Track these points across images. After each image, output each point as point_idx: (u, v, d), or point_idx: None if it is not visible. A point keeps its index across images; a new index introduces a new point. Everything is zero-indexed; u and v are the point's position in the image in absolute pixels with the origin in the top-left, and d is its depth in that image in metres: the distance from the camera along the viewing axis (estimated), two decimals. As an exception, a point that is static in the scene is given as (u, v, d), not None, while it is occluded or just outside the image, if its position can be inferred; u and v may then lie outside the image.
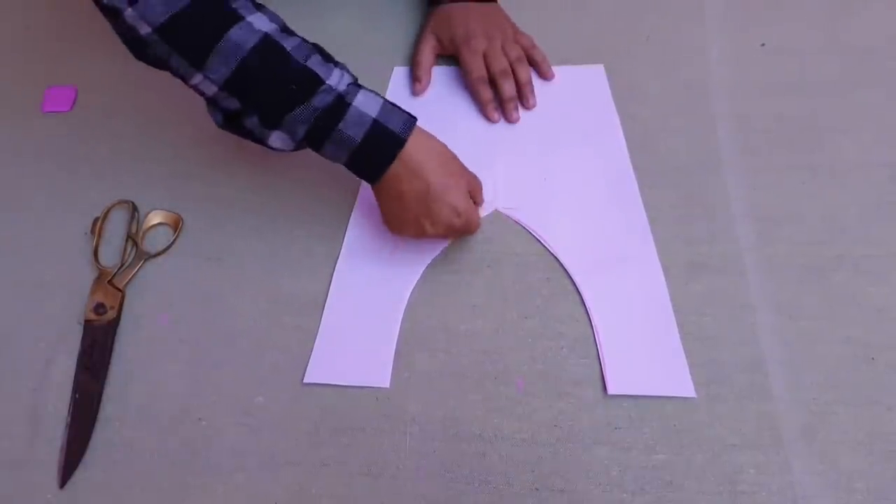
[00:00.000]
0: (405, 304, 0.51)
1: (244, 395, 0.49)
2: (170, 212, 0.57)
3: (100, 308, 0.52)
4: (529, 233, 0.54)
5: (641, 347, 0.48)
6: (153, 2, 0.42)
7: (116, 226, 0.57)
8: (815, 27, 0.65)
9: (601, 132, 0.60)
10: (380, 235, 0.55)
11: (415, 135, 0.48)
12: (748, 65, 0.63)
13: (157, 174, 0.60)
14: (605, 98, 0.62)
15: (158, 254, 0.55)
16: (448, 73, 0.65)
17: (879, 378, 0.46)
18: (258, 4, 0.47)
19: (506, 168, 0.58)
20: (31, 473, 0.47)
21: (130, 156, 0.62)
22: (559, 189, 0.57)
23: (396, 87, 0.65)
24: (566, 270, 0.52)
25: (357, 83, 0.48)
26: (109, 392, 0.49)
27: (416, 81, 0.64)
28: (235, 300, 0.53)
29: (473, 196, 0.51)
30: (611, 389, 0.47)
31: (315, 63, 0.46)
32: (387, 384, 0.48)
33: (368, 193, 0.57)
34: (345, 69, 0.48)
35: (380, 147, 0.47)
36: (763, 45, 0.64)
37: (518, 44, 0.63)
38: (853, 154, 0.57)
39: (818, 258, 0.51)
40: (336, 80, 0.46)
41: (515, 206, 0.56)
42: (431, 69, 0.65)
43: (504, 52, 0.62)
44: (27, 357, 0.51)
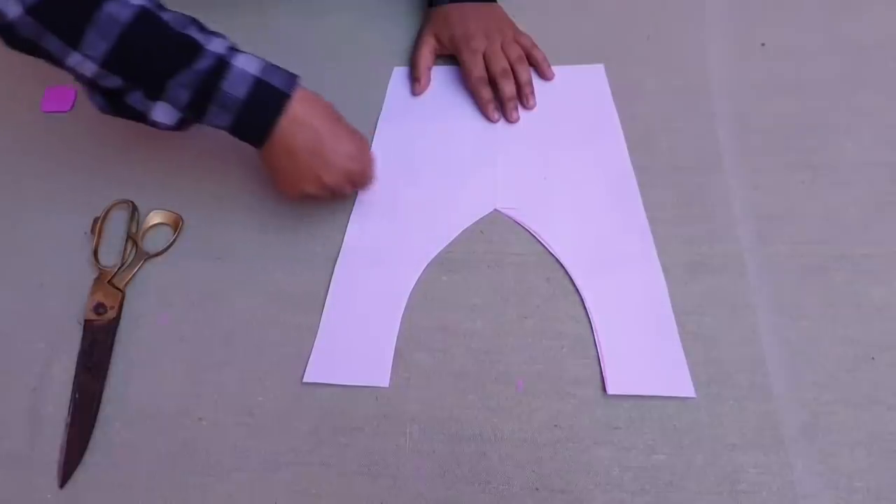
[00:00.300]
0: (405, 304, 0.51)
1: (244, 395, 0.49)
2: (170, 212, 0.57)
3: (100, 308, 0.52)
4: (529, 233, 0.54)
5: (641, 347, 0.48)
6: None
7: (116, 226, 0.57)
8: (815, 27, 0.65)
9: (601, 132, 0.60)
10: (380, 235, 0.55)
11: (299, 91, 0.48)
12: (748, 65, 0.63)
13: (157, 174, 0.60)
14: (605, 98, 0.62)
15: (158, 254, 0.55)
16: (448, 73, 0.65)
17: (879, 378, 0.46)
18: None
19: (506, 168, 0.58)
20: (31, 473, 0.47)
21: (130, 156, 0.62)
22: (559, 189, 0.57)
23: (396, 87, 0.65)
24: (566, 270, 0.52)
25: (236, 48, 0.48)
26: (109, 392, 0.49)
27: (416, 81, 0.64)
28: (235, 300, 0.53)
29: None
30: (611, 389, 0.47)
31: (194, 31, 0.46)
32: (386, 384, 0.48)
33: (367, 193, 0.57)
34: (224, 37, 0.48)
35: (265, 103, 0.47)
36: (763, 45, 0.64)
37: (518, 44, 0.63)
38: (853, 154, 0.57)
39: (818, 258, 0.51)
40: (215, 46, 0.47)
41: (515, 206, 0.56)
42: (431, 69, 0.65)
43: (504, 52, 0.62)
44: (27, 357, 0.51)
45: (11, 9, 0.42)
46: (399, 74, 0.66)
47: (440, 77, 0.65)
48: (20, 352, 0.52)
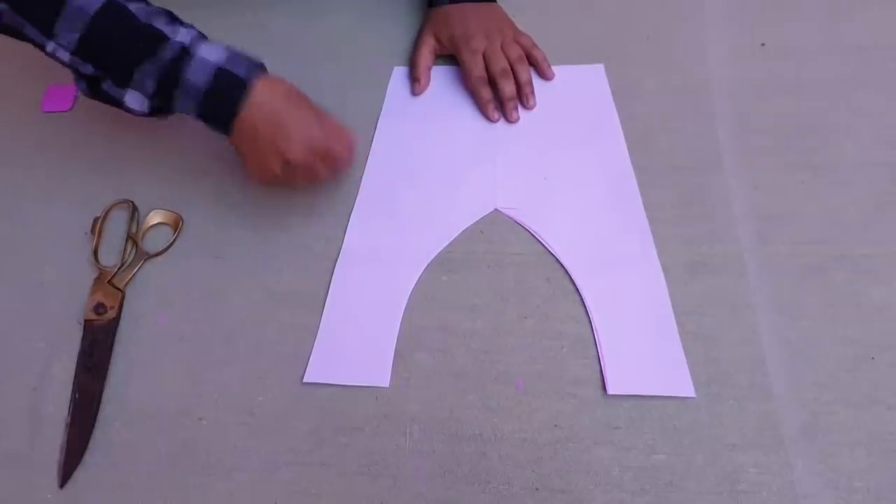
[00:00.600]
0: (405, 304, 0.51)
1: (244, 395, 0.49)
2: (170, 212, 0.57)
3: (100, 308, 0.52)
4: (529, 233, 0.54)
5: (641, 347, 0.48)
6: None
7: (116, 226, 0.57)
8: (815, 27, 0.65)
9: (601, 132, 0.60)
10: (380, 235, 0.55)
11: (262, 79, 0.49)
12: (748, 65, 0.63)
13: (157, 174, 0.60)
14: (605, 98, 0.62)
15: (158, 254, 0.55)
16: (447, 73, 0.65)
17: (879, 378, 0.46)
18: None
19: (506, 168, 0.58)
20: (31, 473, 0.47)
21: (130, 156, 0.62)
22: (559, 189, 0.57)
23: (396, 87, 0.65)
24: (566, 270, 0.52)
25: (203, 37, 0.50)
26: (109, 392, 0.49)
27: (416, 81, 0.64)
28: (235, 300, 0.53)
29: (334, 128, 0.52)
30: (611, 389, 0.47)
31: (160, 23, 0.48)
32: (386, 384, 0.48)
33: (368, 193, 0.57)
34: (192, 28, 0.50)
35: (226, 91, 0.49)
36: (763, 45, 0.64)
37: (518, 44, 0.63)
38: (853, 154, 0.57)
39: (818, 258, 0.51)
40: (182, 36, 0.48)
41: (515, 206, 0.56)
42: (430, 69, 0.65)
43: (504, 52, 0.62)
44: (27, 357, 0.51)
45: None
46: (399, 74, 0.66)
47: (440, 77, 0.65)
48: (20, 352, 0.52)
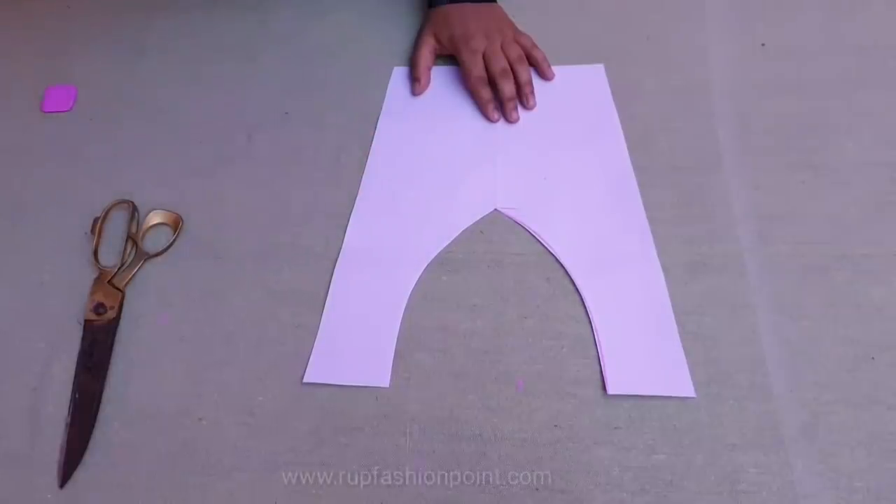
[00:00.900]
0: (405, 304, 0.51)
1: (244, 395, 0.49)
2: (170, 212, 0.57)
3: (100, 308, 0.52)
4: (529, 233, 0.54)
5: (641, 347, 0.48)
6: None
7: (116, 226, 0.57)
8: (815, 27, 0.65)
9: (601, 132, 0.60)
10: (380, 235, 0.55)
11: None
12: (748, 65, 0.63)
13: (157, 174, 0.60)
14: (605, 98, 0.62)
15: (158, 254, 0.55)
16: (447, 73, 0.65)
17: (879, 378, 0.46)
18: None
19: (506, 168, 0.58)
20: (31, 473, 0.47)
21: (130, 156, 0.62)
22: (559, 189, 0.57)
23: (396, 87, 0.65)
24: (566, 270, 0.52)
25: None
26: (109, 392, 0.49)
27: (416, 81, 0.64)
28: (235, 300, 0.53)
29: None
30: (611, 389, 0.47)
31: None
32: (386, 384, 0.48)
33: (368, 193, 0.57)
34: None
35: None
36: (763, 45, 0.64)
37: (518, 44, 0.63)
38: (853, 154, 0.57)
39: (818, 258, 0.51)
40: None
41: (515, 206, 0.56)
42: (430, 69, 0.65)
43: (504, 52, 0.62)
44: (27, 357, 0.51)
45: None
46: (399, 74, 0.66)
47: (440, 77, 0.65)
48: (20, 352, 0.52)
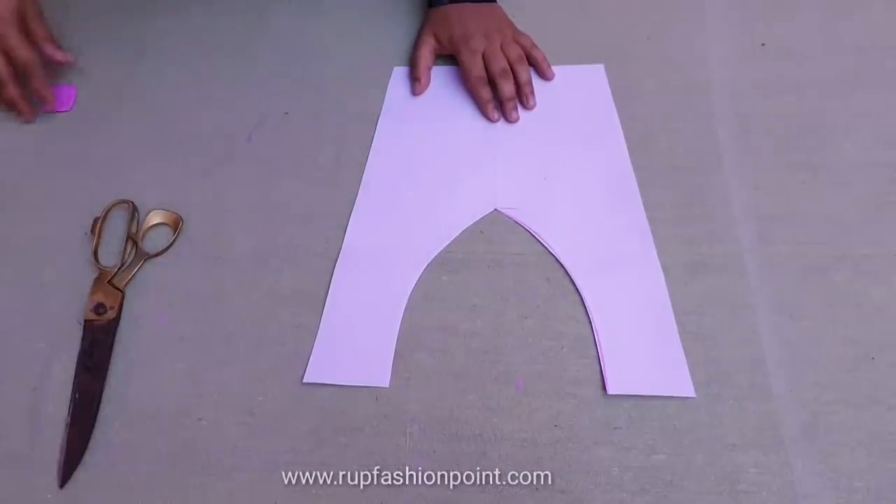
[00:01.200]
0: (405, 304, 0.51)
1: (244, 395, 0.49)
2: (170, 212, 0.57)
3: (100, 308, 0.52)
4: (529, 233, 0.54)
5: (641, 347, 0.48)
6: None
7: (116, 226, 0.57)
8: (815, 27, 0.65)
9: (601, 132, 0.60)
10: (380, 235, 0.55)
11: None
12: (748, 65, 0.63)
13: (157, 174, 0.60)
14: (605, 98, 0.62)
15: (158, 254, 0.55)
16: (447, 73, 0.65)
17: (879, 378, 0.46)
18: None
19: (506, 168, 0.58)
20: (31, 473, 0.47)
21: (130, 156, 0.62)
22: (559, 189, 0.57)
23: (396, 87, 0.65)
24: (566, 270, 0.52)
25: None
26: (109, 392, 0.49)
27: (416, 81, 0.64)
28: (235, 300, 0.53)
29: None
30: (611, 389, 0.47)
31: None
32: (386, 384, 0.48)
33: (368, 193, 0.57)
34: None
35: None
36: (763, 45, 0.64)
37: (517, 44, 0.63)
38: (853, 154, 0.57)
39: (818, 258, 0.51)
40: None
41: (515, 206, 0.56)
42: (430, 69, 0.65)
43: (503, 52, 0.62)
44: (27, 357, 0.51)
45: None
46: (399, 74, 0.66)
47: (440, 77, 0.65)
48: (20, 352, 0.51)
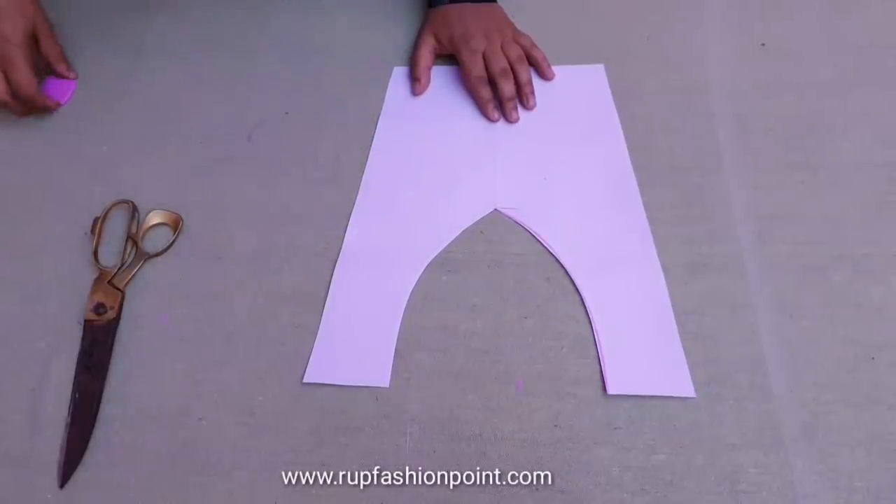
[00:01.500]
0: (405, 304, 0.51)
1: (244, 395, 0.49)
2: (170, 212, 0.57)
3: (100, 308, 0.52)
4: (529, 233, 0.54)
5: (641, 347, 0.48)
6: None
7: (116, 226, 0.57)
8: (815, 27, 0.65)
9: (601, 132, 0.60)
10: (380, 235, 0.55)
11: None
12: (748, 65, 0.63)
13: (157, 174, 0.60)
14: (605, 98, 0.62)
15: (158, 254, 0.55)
16: (447, 73, 0.65)
17: (879, 378, 0.46)
18: None
19: (506, 168, 0.58)
20: (31, 473, 0.47)
21: (130, 156, 0.62)
22: (559, 189, 0.57)
23: (396, 87, 0.65)
24: (566, 270, 0.52)
25: None
26: (109, 392, 0.49)
27: (416, 81, 0.64)
28: (235, 300, 0.53)
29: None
30: (611, 389, 0.47)
31: None
32: (386, 384, 0.48)
33: (368, 193, 0.57)
34: None
35: None
36: (763, 45, 0.64)
37: (518, 44, 0.63)
38: (853, 154, 0.57)
39: (818, 258, 0.51)
40: None
41: (515, 206, 0.56)
42: (430, 69, 0.65)
43: (504, 52, 0.62)
44: (27, 357, 0.51)
45: None
46: (399, 74, 0.66)
47: (440, 77, 0.65)
48: (20, 352, 0.51)
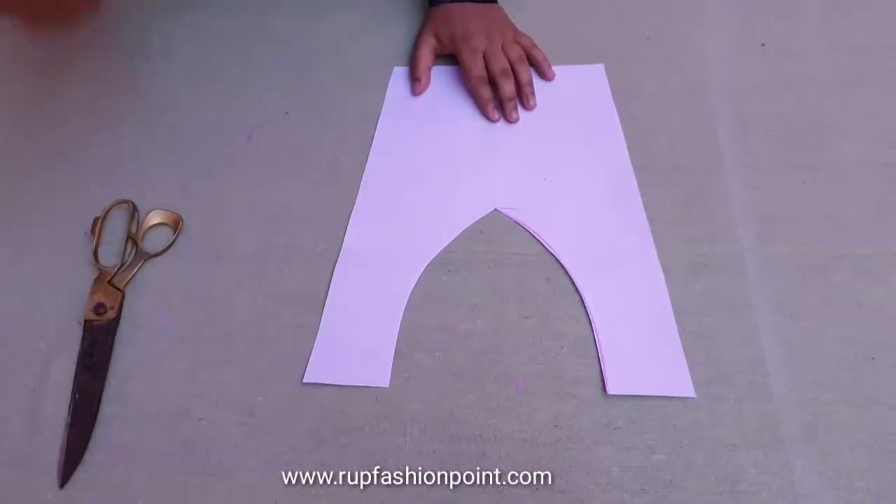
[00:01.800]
0: (405, 304, 0.51)
1: (244, 395, 0.49)
2: (170, 212, 0.57)
3: (100, 308, 0.52)
4: (529, 233, 0.54)
5: (641, 347, 0.48)
6: None
7: (116, 226, 0.57)
8: (815, 27, 0.65)
9: (601, 132, 0.60)
10: (380, 235, 0.55)
11: None
12: (748, 65, 0.63)
13: (157, 174, 0.60)
14: (605, 98, 0.62)
15: (158, 254, 0.55)
16: (448, 73, 0.65)
17: (879, 378, 0.46)
18: None
19: (506, 168, 0.58)
20: (31, 473, 0.47)
21: (130, 156, 0.62)
22: (559, 189, 0.57)
23: (396, 87, 0.65)
24: (566, 270, 0.52)
25: None
26: (109, 392, 0.49)
27: (416, 81, 0.64)
28: (235, 300, 0.53)
29: None
30: (611, 389, 0.47)
31: None
32: (386, 384, 0.48)
33: (368, 193, 0.57)
34: None
35: None
36: (763, 45, 0.64)
37: (518, 44, 0.63)
38: (853, 154, 0.57)
39: (818, 258, 0.51)
40: None
41: (515, 206, 0.56)
42: (431, 69, 0.65)
43: (504, 52, 0.62)
44: (27, 357, 0.51)
45: None
46: (399, 74, 0.66)
47: (440, 77, 0.65)
48: (20, 352, 0.52)
